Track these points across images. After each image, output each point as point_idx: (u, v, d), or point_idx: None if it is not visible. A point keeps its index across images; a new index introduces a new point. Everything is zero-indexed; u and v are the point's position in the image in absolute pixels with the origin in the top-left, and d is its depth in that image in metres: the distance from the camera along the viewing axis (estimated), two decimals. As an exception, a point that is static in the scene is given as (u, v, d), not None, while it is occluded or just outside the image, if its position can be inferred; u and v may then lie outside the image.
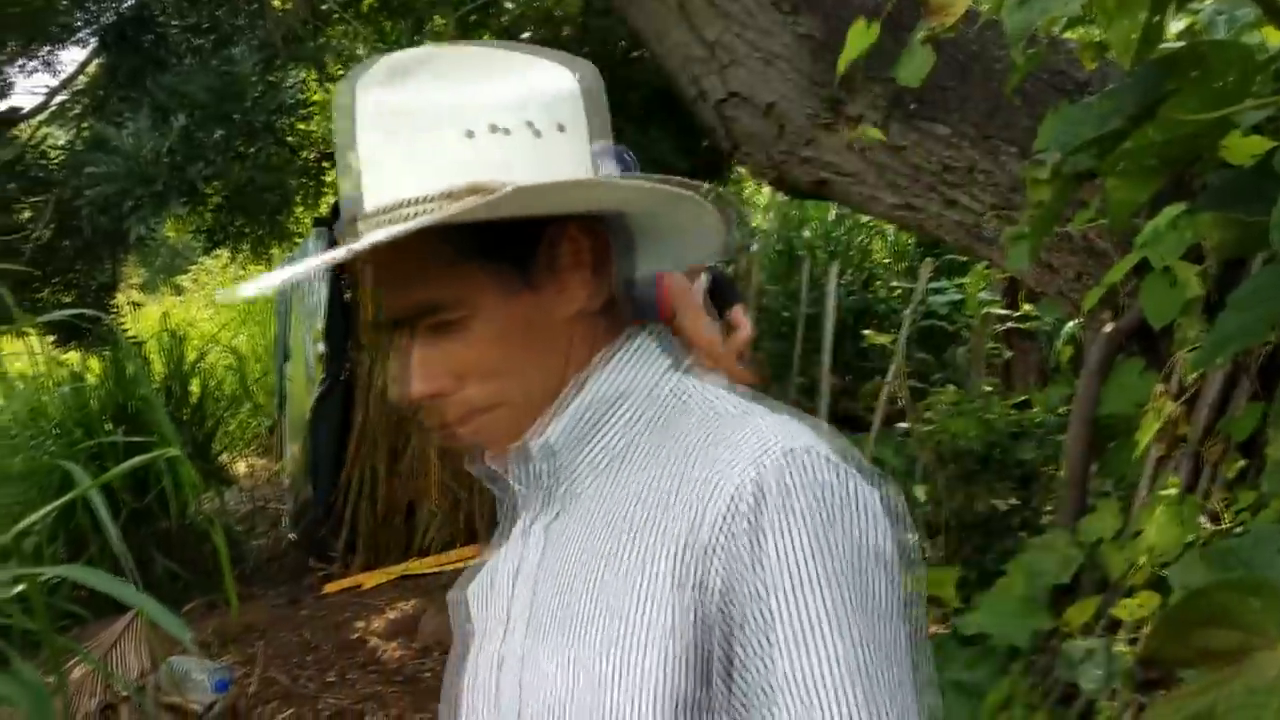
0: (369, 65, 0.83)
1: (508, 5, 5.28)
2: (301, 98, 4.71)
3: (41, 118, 5.40)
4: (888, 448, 5.31)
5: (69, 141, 5.27)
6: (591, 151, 0.84)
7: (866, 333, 5.90)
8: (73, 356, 5.54)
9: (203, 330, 8.84)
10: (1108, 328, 2.32)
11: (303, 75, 4.92)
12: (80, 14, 4.70)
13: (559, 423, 0.85)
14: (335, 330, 5.93)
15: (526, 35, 5.20)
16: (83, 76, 5.36)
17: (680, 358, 0.89)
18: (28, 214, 4.92)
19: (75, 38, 4.84)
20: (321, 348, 6.06)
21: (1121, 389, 2.25)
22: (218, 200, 4.85)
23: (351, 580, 5.51)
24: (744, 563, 0.73)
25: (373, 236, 0.77)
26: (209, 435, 6.32)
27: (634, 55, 5.16)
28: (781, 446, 0.76)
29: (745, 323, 3.73)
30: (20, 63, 4.83)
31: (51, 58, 4.96)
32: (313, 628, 4.87)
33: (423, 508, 5.80)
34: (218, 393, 7.16)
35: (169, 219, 4.58)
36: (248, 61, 3.91)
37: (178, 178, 3.74)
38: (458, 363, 0.84)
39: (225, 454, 7.21)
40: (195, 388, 6.35)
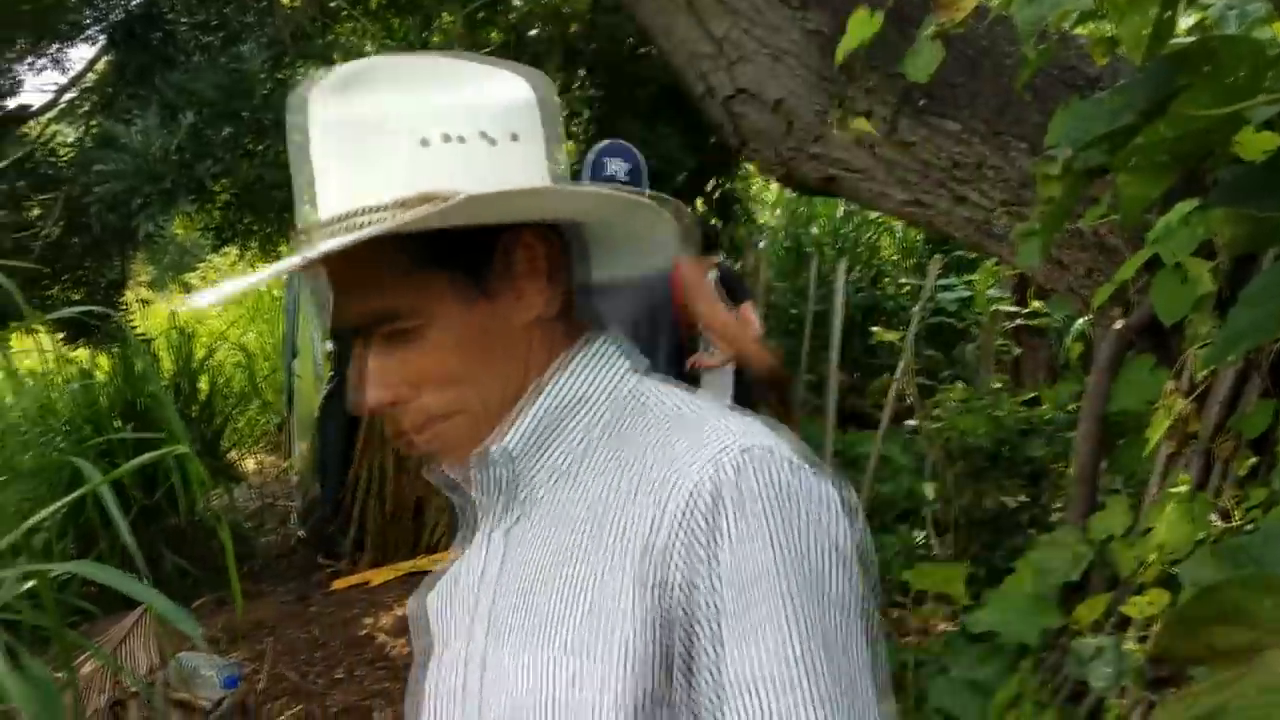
0: (322, 75, 0.83)
1: (515, 2, 5.27)
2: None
3: (50, 115, 5.41)
4: (896, 445, 5.30)
5: (78, 139, 5.28)
6: (547, 159, 0.84)
7: (875, 330, 5.90)
8: (82, 354, 5.54)
9: (211, 327, 8.85)
10: (1118, 324, 2.31)
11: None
12: (89, 11, 4.71)
13: (518, 428, 0.85)
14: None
15: (534, 32, 5.20)
16: (91, 74, 5.36)
17: (638, 360, 0.89)
18: (37, 211, 4.93)
19: (84, 35, 4.84)
20: (330, 345, 6.06)
21: (1132, 386, 2.24)
22: (226, 198, 4.84)
23: (360, 577, 5.52)
24: (702, 560, 0.73)
25: (325, 245, 0.77)
26: (218, 432, 6.34)
27: (641, 51, 5.14)
28: (739, 445, 0.76)
29: (754, 319, 3.73)
30: (29, 60, 4.83)
31: (60, 55, 4.97)
32: (321, 624, 4.88)
33: (431, 505, 5.79)
34: (226, 390, 7.19)
35: (177, 216, 4.58)
36: (256, 59, 3.91)
37: (186, 175, 3.74)
38: (414, 371, 0.84)
39: (234, 451, 7.23)
40: (204, 385, 6.37)
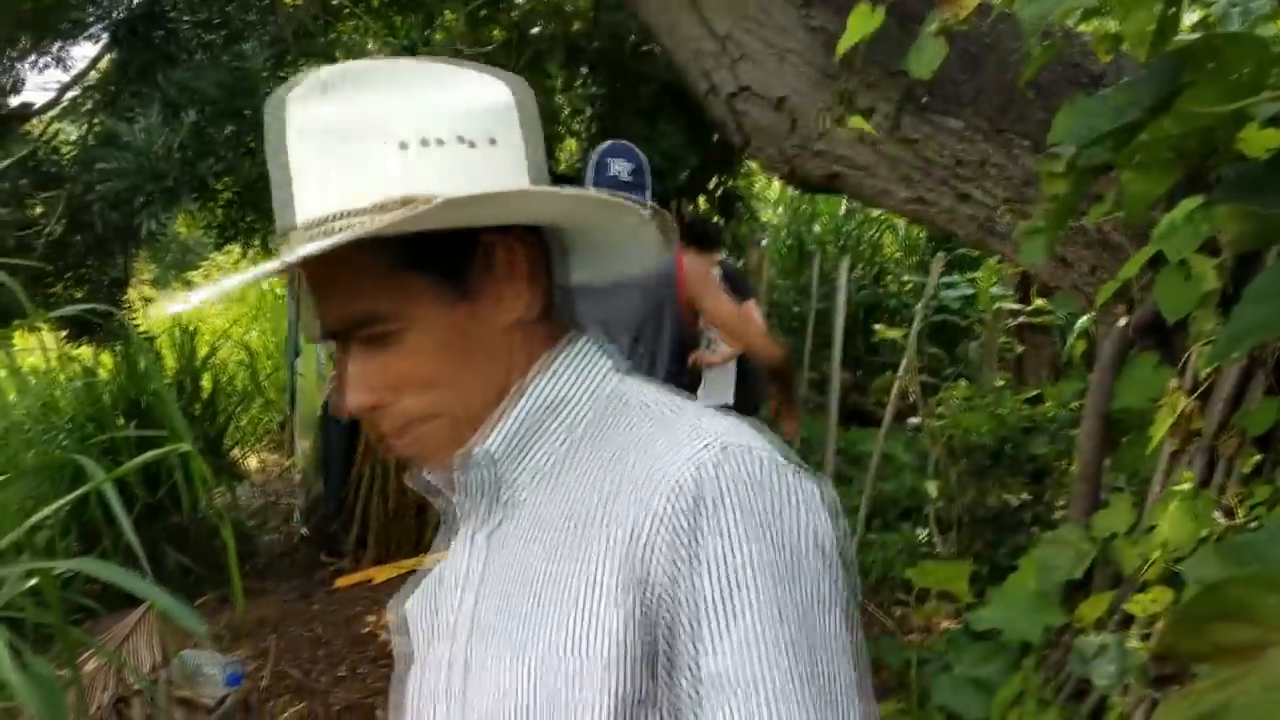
0: (300, 80, 0.83)
1: (517, 0, 5.27)
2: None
3: (53, 113, 5.40)
4: (899, 443, 5.31)
5: (80, 137, 5.27)
6: (526, 162, 0.84)
7: (877, 328, 5.89)
8: (85, 351, 5.54)
9: (214, 326, 8.85)
10: (1121, 321, 2.31)
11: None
12: (92, 9, 4.70)
13: (500, 430, 0.85)
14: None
15: (536, 30, 5.19)
16: (94, 72, 5.35)
17: (619, 361, 0.89)
18: (40, 209, 4.92)
19: (87, 33, 4.83)
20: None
21: (1135, 383, 2.24)
22: (229, 196, 4.84)
23: (362, 575, 5.50)
24: (684, 559, 0.73)
25: (303, 249, 0.77)
26: (221, 430, 6.34)
27: (644, 49, 5.14)
28: (720, 444, 0.76)
29: (757, 317, 3.73)
30: (32, 59, 4.83)
31: (63, 53, 4.95)
32: (324, 622, 4.89)
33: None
34: (229, 388, 7.19)
35: (180, 215, 4.57)
36: (259, 57, 3.90)
37: (189, 173, 3.74)
38: (394, 374, 0.83)
39: (237, 449, 7.23)
40: (207, 383, 6.37)
